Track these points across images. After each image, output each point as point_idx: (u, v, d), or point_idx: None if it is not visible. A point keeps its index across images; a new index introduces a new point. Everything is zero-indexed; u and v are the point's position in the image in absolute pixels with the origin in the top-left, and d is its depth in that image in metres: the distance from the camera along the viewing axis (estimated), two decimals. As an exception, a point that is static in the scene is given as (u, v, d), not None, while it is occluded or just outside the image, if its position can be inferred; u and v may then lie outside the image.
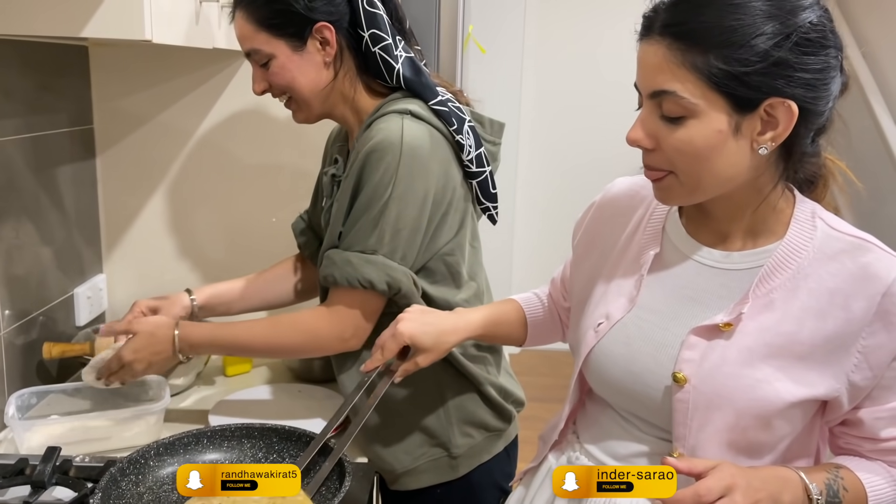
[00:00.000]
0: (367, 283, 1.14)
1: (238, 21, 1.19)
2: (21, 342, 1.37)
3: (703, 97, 0.79)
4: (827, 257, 0.84)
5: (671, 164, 0.84)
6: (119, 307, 1.69)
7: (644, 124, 0.84)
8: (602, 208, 1.06)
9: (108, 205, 1.65)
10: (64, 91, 1.51)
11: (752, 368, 0.84)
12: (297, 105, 1.24)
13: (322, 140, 1.62)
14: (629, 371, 0.92)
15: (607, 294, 0.97)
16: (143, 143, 1.63)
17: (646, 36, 0.82)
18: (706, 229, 0.92)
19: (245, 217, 1.67)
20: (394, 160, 1.12)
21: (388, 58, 1.19)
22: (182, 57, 1.57)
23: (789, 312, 0.84)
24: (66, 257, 1.53)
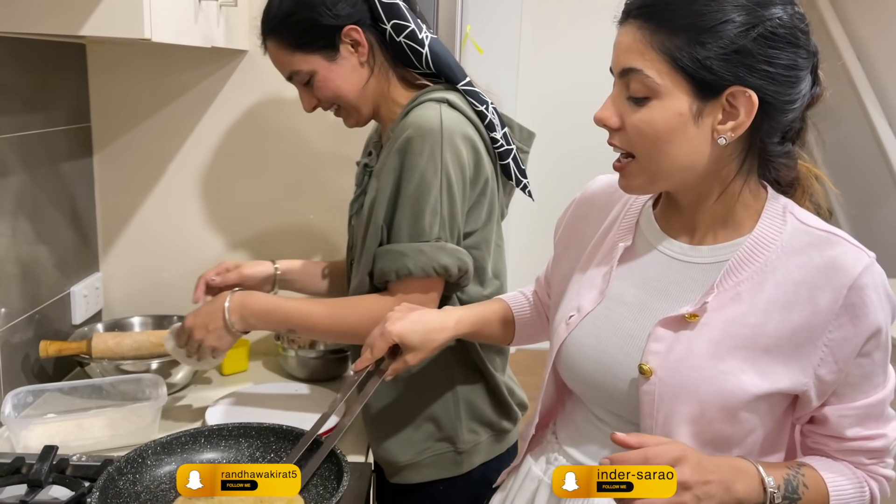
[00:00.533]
0: (443, 269, 1.17)
1: (271, 50, 1.23)
2: (17, 340, 1.37)
3: (668, 78, 0.81)
4: (794, 251, 0.85)
5: (632, 146, 0.85)
6: (115, 305, 1.68)
7: (612, 105, 0.85)
8: (581, 204, 1.08)
9: (104, 203, 1.65)
10: (61, 89, 1.50)
11: (717, 360, 0.84)
12: (346, 111, 1.27)
13: (319, 139, 1.63)
14: (599, 362, 0.92)
15: (580, 287, 0.98)
16: (140, 141, 1.62)
17: (623, 20, 0.85)
18: (676, 223, 0.93)
19: (242, 215, 1.67)
20: (437, 146, 1.15)
21: (413, 44, 1.21)
22: (180, 55, 1.57)
23: (756, 305, 0.84)
24: (63, 255, 1.52)
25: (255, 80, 1.60)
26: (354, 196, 1.33)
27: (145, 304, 1.67)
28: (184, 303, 1.66)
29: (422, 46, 1.22)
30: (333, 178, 1.64)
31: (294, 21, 1.18)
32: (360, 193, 1.30)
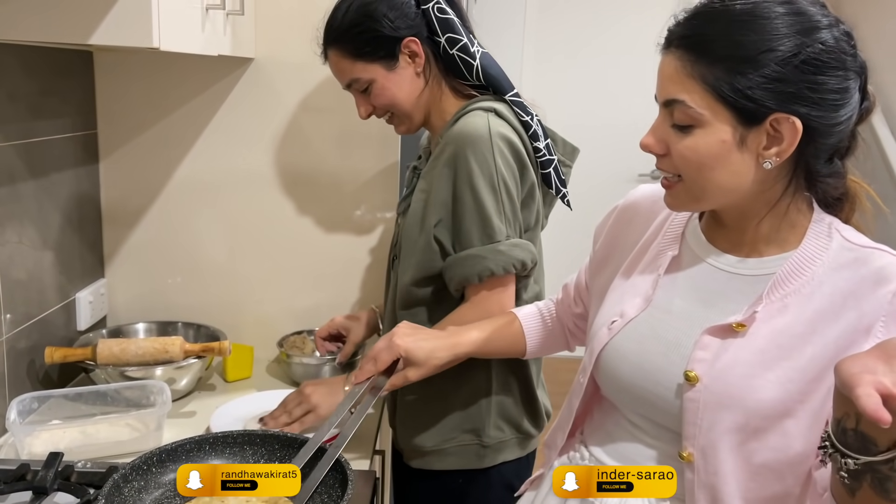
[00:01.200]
0: (520, 264, 1.24)
1: (332, 58, 1.30)
2: (23, 346, 1.37)
3: (709, 108, 0.82)
4: (840, 266, 0.86)
5: (678, 170, 0.87)
6: (120, 311, 1.69)
7: (656, 131, 0.87)
8: (624, 212, 1.09)
9: (110, 209, 1.65)
10: (68, 96, 1.51)
11: (764, 369, 0.85)
12: (398, 119, 1.33)
13: (325, 146, 1.63)
14: (640, 368, 0.93)
15: (623, 294, 0.99)
16: (146, 147, 1.63)
17: (665, 48, 0.86)
18: (721, 236, 0.94)
19: (247, 222, 1.67)
20: (488, 151, 1.21)
21: (466, 57, 1.28)
22: (186, 63, 1.58)
23: (802, 316, 0.85)
24: (68, 262, 1.53)
25: (260, 87, 1.60)
26: (402, 197, 1.39)
27: (150, 310, 1.67)
28: (188, 309, 1.67)
29: (473, 59, 1.28)
30: (340, 185, 1.65)
31: (358, 31, 1.24)
32: (407, 194, 1.36)
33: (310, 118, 1.62)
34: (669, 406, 0.90)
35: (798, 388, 0.84)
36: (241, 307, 1.70)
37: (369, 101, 1.30)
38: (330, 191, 1.65)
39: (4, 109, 1.28)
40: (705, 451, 0.88)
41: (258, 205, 1.66)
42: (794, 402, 0.84)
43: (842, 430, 0.71)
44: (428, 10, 1.26)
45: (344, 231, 1.67)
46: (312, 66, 1.57)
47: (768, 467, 0.86)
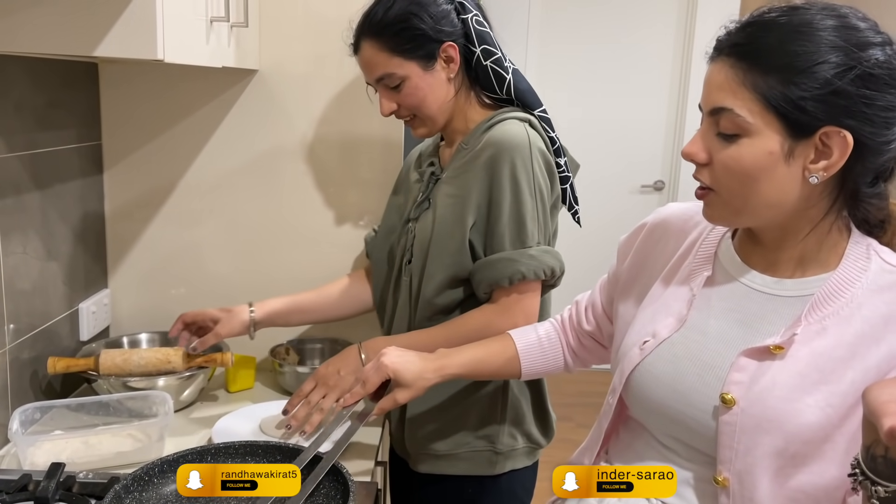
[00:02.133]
0: (550, 271, 1.27)
1: (368, 50, 1.29)
2: (26, 357, 1.37)
3: (759, 117, 0.81)
4: (881, 288, 0.85)
5: (717, 182, 0.86)
6: (123, 322, 1.69)
7: (700, 140, 0.86)
8: (654, 230, 1.07)
9: (114, 219, 1.66)
10: (73, 107, 1.52)
11: (803, 393, 0.83)
12: (420, 121, 1.33)
13: (329, 157, 1.64)
14: (674, 390, 0.91)
15: (655, 314, 0.97)
16: (150, 158, 1.64)
17: (715, 57, 0.85)
18: (757, 255, 0.92)
19: (251, 232, 1.68)
20: (527, 158, 1.25)
21: (500, 70, 1.31)
22: (191, 74, 1.59)
23: (843, 339, 0.83)
24: (72, 272, 1.53)
25: (264, 98, 1.61)
26: (416, 202, 1.38)
27: (153, 320, 1.68)
28: (191, 320, 1.67)
29: (506, 73, 1.31)
30: (343, 195, 1.66)
31: (402, 27, 1.25)
32: (423, 200, 1.36)
33: (313, 129, 1.63)
34: (704, 429, 0.88)
35: (838, 413, 0.82)
36: (243, 318, 1.70)
37: (396, 99, 1.31)
38: (333, 201, 1.66)
39: (11, 121, 1.29)
40: (741, 475, 0.86)
41: (261, 215, 1.67)
42: (833, 427, 0.82)
43: (871, 458, 0.70)
44: (467, 20, 1.29)
45: (348, 241, 1.67)
46: (316, 77, 1.59)
47: (804, 492, 0.85)
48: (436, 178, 1.36)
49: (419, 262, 1.33)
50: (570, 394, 3.52)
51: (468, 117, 1.34)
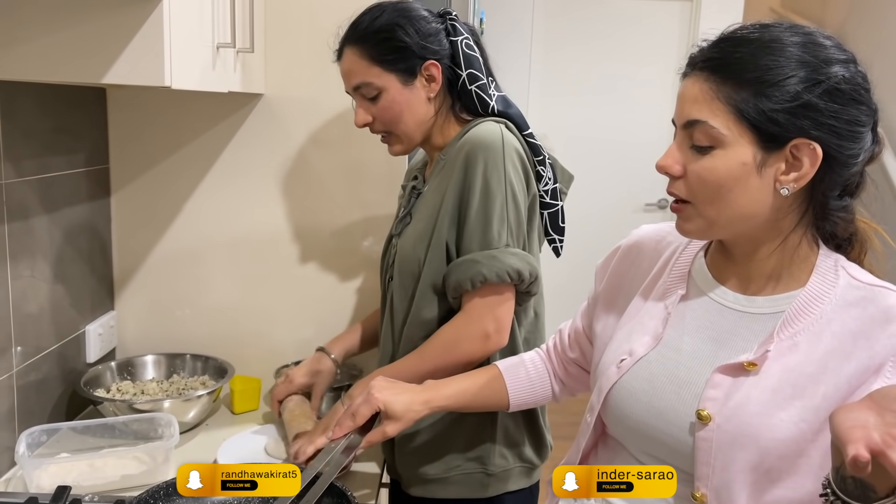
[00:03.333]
0: (516, 273, 1.21)
1: (349, 56, 1.28)
2: (32, 379, 1.38)
3: (733, 129, 0.83)
4: (849, 304, 0.86)
5: (692, 194, 0.87)
6: (130, 344, 1.70)
7: (674, 153, 0.88)
8: (628, 251, 1.08)
9: (120, 242, 1.67)
10: (81, 132, 1.54)
11: (777, 408, 0.84)
12: (396, 137, 1.32)
13: (334, 180, 1.65)
14: (652, 407, 0.92)
15: (631, 332, 0.98)
16: (156, 181, 1.65)
17: (689, 72, 0.88)
18: (729, 273, 0.94)
19: (257, 255, 1.69)
20: (499, 157, 1.21)
21: (483, 95, 1.29)
22: (197, 98, 1.61)
23: (813, 355, 0.85)
24: (79, 294, 1.54)
25: (270, 122, 1.63)
26: (398, 217, 1.38)
27: (158, 342, 1.68)
28: (196, 341, 1.68)
29: (490, 99, 1.29)
30: (348, 217, 1.67)
31: (385, 37, 1.25)
32: (405, 215, 1.35)
33: (318, 151, 1.64)
34: (681, 446, 0.89)
35: (811, 428, 0.83)
36: (248, 339, 1.71)
37: (372, 111, 1.29)
38: (338, 222, 1.67)
39: (20, 147, 1.31)
40: (719, 491, 0.87)
41: (266, 236, 1.68)
42: (807, 441, 0.84)
43: (841, 478, 0.71)
44: (457, 42, 1.28)
45: (352, 261, 1.68)
46: (321, 101, 1.61)
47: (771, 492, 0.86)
48: (417, 193, 1.35)
49: (399, 279, 1.31)
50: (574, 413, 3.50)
51: (446, 133, 1.32)
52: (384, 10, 1.27)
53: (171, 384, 1.57)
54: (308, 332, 1.69)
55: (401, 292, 1.32)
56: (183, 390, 1.54)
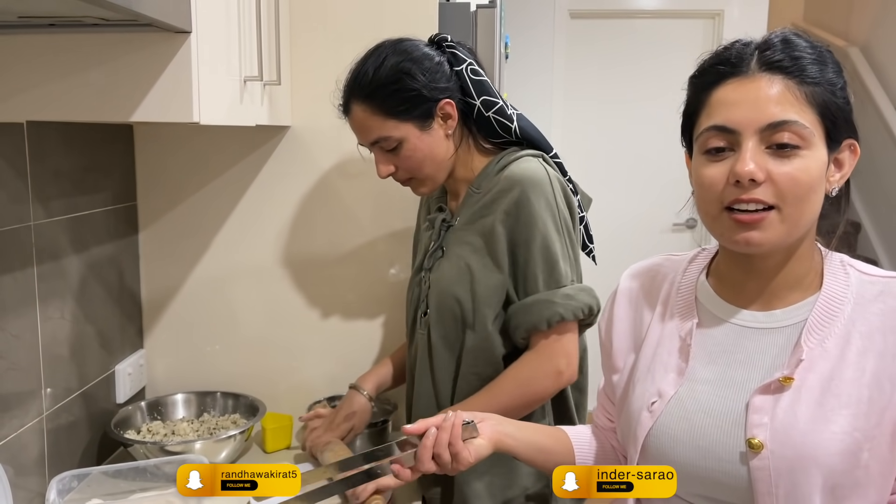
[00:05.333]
0: (588, 309, 1.23)
1: (360, 113, 1.24)
2: (63, 422, 1.36)
3: (815, 127, 0.82)
4: (867, 301, 0.85)
5: (781, 198, 0.81)
6: (159, 382, 1.67)
7: (755, 158, 0.81)
8: (626, 295, 1.04)
9: (149, 279, 1.66)
10: (108, 169, 1.53)
11: (826, 422, 0.81)
12: (420, 181, 1.29)
13: (362, 209, 1.63)
14: (696, 447, 0.87)
15: (654, 374, 0.93)
16: (185, 217, 1.64)
17: (740, 73, 0.83)
18: (740, 292, 0.91)
19: (286, 289, 1.66)
20: (550, 195, 1.21)
21: (503, 119, 1.27)
22: (224, 132, 1.60)
23: (847, 359, 0.83)
24: (108, 334, 1.52)
25: (297, 154, 1.61)
26: (429, 251, 1.34)
27: (188, 380, 1.66)
28: (226, 377, 1.66)
29: (510, 121, 1.27)
30: (375, 246, 1.64)
31: (395, 89, 1.21)
32: (436, 248, 1.32)
33: (345, 182, 1.62)
34: (736, 480, 0.84)
35: (865, 436, 0.80)
36: (278, 374, 1.68)
37: (394, 161, 1.26)
38: (365, 252, 1.65)
39: (50, 187, 1.30)
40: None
41: (294, 269, 1.66)
42: (863, 450, 0.80)
43: None
44: (462, 71, 1.25)
45: (380, 291, 1.65)
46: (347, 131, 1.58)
47: None
48: (447, 225, 1.32)
49: (436, 313, 1.29)
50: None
51: (472, 166, 1.30)
52: (384, 55, 1.22)
53: (201, 423, 1.54)
54: (338, 364, 1.66)
55: (440, 328, 1.29)
56: (214, 430, 1.51)
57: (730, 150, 0.83)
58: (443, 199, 1.38)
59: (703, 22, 3.96)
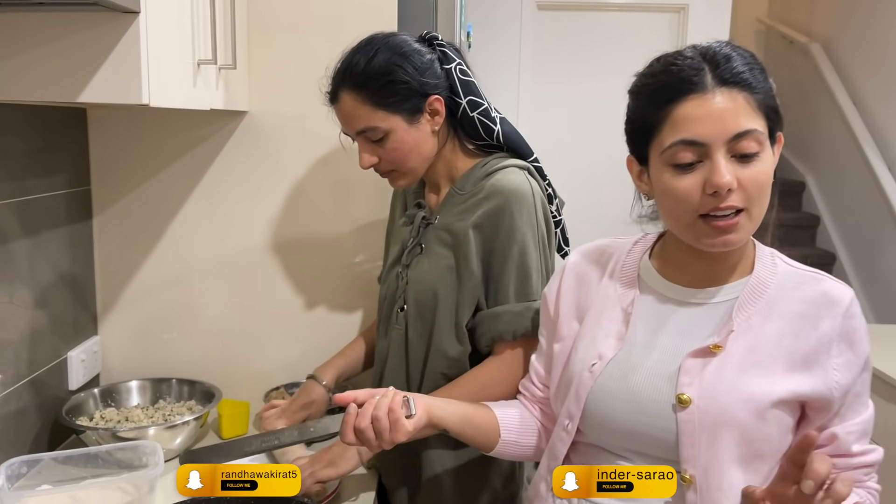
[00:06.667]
0: None
1: (349, 101, 1.24)
2: (13, 409, 1.34)
3: (765, 130, 0.91)
4: (790, 287, 0.96)
5: (748, 201, 0.90)
6: (114, 369, 1.66)
7: (727, 167, 0.88)
8: (574, 269, 1.11)
9: (103, 265, 1.64)
10: (61, 153, 1.50)
11: (745, 383, 0.92)
12: (400, 174, 1.29)
13: (321, 197, 1.62)
14: (631, 402, 0.96)
15: (594, 338, 1.02)
16: (140, 203, 1.62)
17: (700, 90, 0.89)
18: (685, 274, 1.00)
19: (242, 275, 1.65)
20: (532, 209, 1.23)
21: (486, 121, 1.29)
22: (180, 117, 1.58)
23: (768, 335, 0.94)
24: (61, 320, 1.50)
25: (255, 140, 1.60)
26: (407, 247, 1.34)
27: (144, 367, 1.65)
28: (183, 365, 1.65)
29: (494, 124, 1.28)
30: (338, 234, 1.64)
31: (387, 80, 1.21)
32: (415, 245, 1.33)
33: (305, 168, 1.62)
34: (666, 433, 0.93)
35: (775, 399, 0.92)
36: (237, 362, 1.67)
37: (378, 152, 1.26)
38: (327, 241, 1.64)
39: (-2, 169, 1.27)
40: (707, 469, 0.92)
41: (254, 256, 1.65)
42: (770, 407, 0.91)
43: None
44: (451, 70, 1.26)
45: (342, 281, 1.65)
46: (307, 118, 1.58)
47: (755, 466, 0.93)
48: (427, 223, 1.33)
49: (414, 309, 1.30)
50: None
51: (454, 165, 1.31)
52: (377, 48, 1.22)
53: (156, 410, 1.53)
54: (298, 353, 1.66)
55: (418, 325, 1.30)
56: (169, 416, 1.50)
57: (699, 162, 0.90)
58: (420, 194, 1.39)
59: (669, 16, 4.00)
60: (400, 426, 0.98)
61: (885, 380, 2.19)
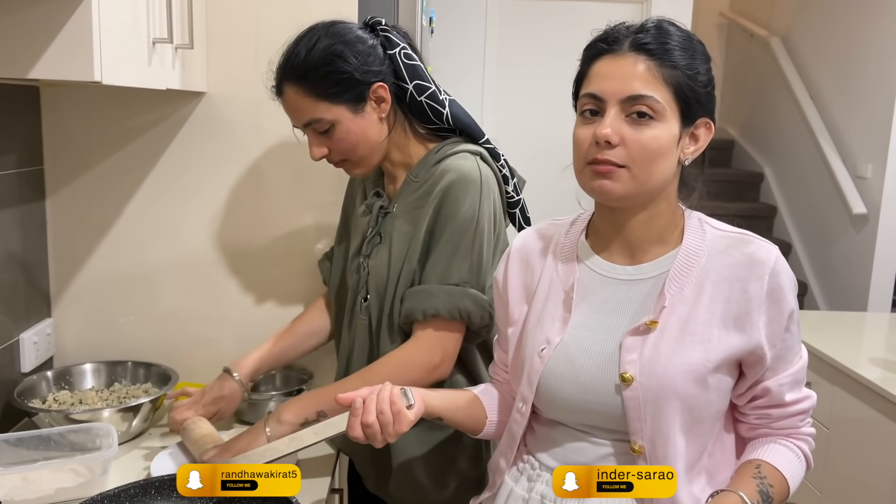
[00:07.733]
0: (466, 314, 1.23)
1: (292, 95, 1.23)
2: (-39, 391, 1.32)
3: (670, 105, 0.95)
4: (719, 252, 0.99)
5: (632, 160, 0.95)
6: (68, 352, 1.64)
7: (613, 123, 0.95)
8: (516, 254, 1.13)
9: (57, 247, 1.61)
10: (13, 131, 1.47)
11: (683, 355, 0.95)
12: (353, 163, 1.29)
13: (279, 181, 1.61)
14: (579, 384, 1.00)
15: (543, 324, 1.05)
16: (94, 183, 1.60)
17: (614, 51, 0.97)
18: (614, 247, 1.04)
19: (202, 258, 1.64)
20: (476, 195, 1.23)
21: (434, 104, 1.28)
22: (136, 97, 1.56)
23: (701, 304, 0.97)
24: (12, 301, 1.48)
25: (213, 121, 1.59)
26: (367, 237, 1.34)
27: (99, 350, 1.63)
28: (140, 349, 1.63)
29: (443, 107, 1.28)
30: (298, 219, 1.63)
31: (326, 71, 1.20)
32: (374, 235, 1.32)
33: (264, 152, 1.61)
34: (612, 410, 0.98)
35: (714, 365, 0.96)
36: (195, 345, 1.66)
37: (327, 143, 1.26)
38: (287, 225, 1.64)
39: (-57, 146, 1.25)
40: (654, 439, 0.96)
41: (212, 239, 1.64)
42: (710, 374, 0.96)
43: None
44: (395, 55, 1.26)
45: (303, 265, 1.65)
46: (266, 100, 1.56)
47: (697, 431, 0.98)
48: (385, 212, 1.33)
49: (376, 300, 1.31)
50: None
51: (409, 151, 1.31)
52: (317, 37, 1.22)
53: (111, 393, 1.52)
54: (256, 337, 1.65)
55: (378, 313, 1.31)
56: (124, 399, 1.49)
57: (599, 116, 0.97)
58: (379, 183, 1.38)
59: (633, 7, 4.04)
60: (403, 417, 1.02)
61: (834, 365, 2.25)
